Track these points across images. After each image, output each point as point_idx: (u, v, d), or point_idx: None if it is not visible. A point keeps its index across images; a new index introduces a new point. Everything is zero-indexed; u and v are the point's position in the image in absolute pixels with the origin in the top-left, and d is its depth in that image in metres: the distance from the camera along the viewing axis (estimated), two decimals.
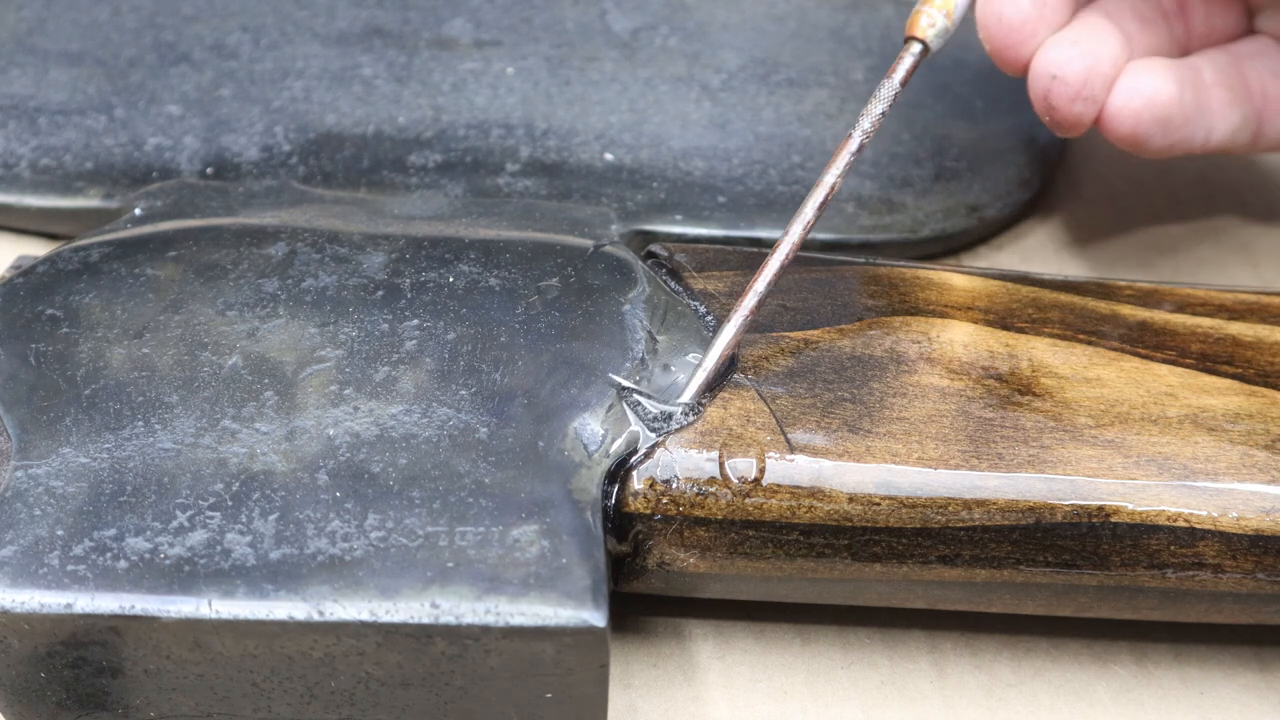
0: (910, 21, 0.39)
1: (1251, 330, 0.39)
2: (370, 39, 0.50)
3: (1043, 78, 0.40)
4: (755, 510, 0.35)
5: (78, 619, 0.32)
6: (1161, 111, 0.40)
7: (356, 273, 0.39)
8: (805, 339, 0.38)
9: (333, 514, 0.34)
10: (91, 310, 0.38)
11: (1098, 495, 0.36)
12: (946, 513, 0.36)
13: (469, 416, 0.36)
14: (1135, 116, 0.40)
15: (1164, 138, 0.41)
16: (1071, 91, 0.40)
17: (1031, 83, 0.40)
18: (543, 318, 0.38)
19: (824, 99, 0.49)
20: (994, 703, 0.38)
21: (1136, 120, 0.40)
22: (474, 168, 0.47)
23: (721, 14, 0.52)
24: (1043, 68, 0.40)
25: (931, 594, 0.37)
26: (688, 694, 0.38)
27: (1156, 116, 0.40)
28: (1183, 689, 0.39)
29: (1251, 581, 0.36)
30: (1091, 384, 0.37)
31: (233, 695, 0.34)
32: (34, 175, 0.46)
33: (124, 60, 0.49)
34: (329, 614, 0.32)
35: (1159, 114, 0.40)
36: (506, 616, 0.33)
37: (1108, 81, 0.40)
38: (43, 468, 0.34)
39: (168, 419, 0.36)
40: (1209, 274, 0.48)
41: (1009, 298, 0.39)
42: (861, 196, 0.47)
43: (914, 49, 0.39)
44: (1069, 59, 0.40)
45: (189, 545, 0.33)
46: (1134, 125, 0.40)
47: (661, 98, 0.49)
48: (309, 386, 0.36)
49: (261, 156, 0.47)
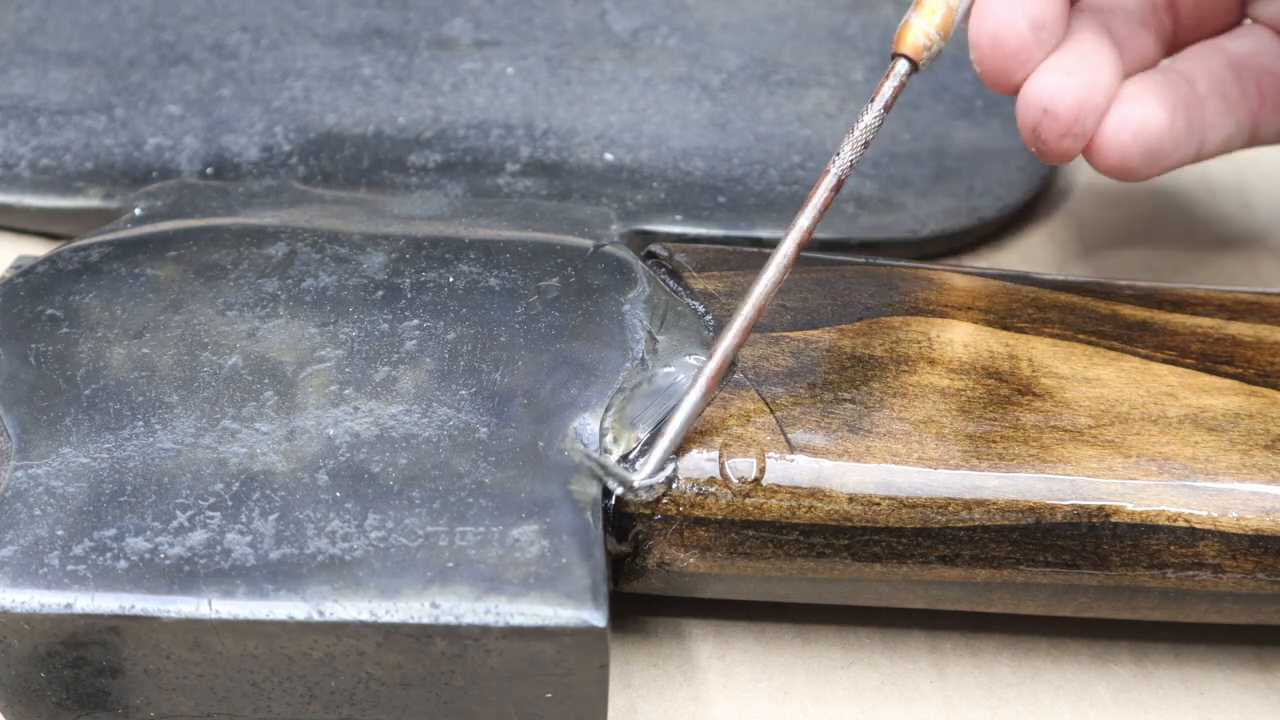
0: (899, 36, 0.37)
1: (1251, 330, 0.39)
2: (370, 39, 0.50)
3: (1033, 109, 0.38)
4: (755, 510, 0.35)
5: (78, 619, 0.32)
6: (1151, 144, 0.39)
7: (356, 273, 0.39)
8: (805, 339, 0.38)
9: (333, 514, 0.34)
10: (91, 310, 0.38)
11: (1098, 495, 0.36)
12: (946, 513, 0.36)
13: (469, 416, 0.36)
14: (1123, 150, 0.39)
15: (1151, 167, 0.39)
16: (1062, 127, 0.38)
17: (1021, 112, 0.39)
18: (543, 318, 0.38)
19: (824, 99, 0.49)
20: (994, 703, 0.38)
21: (1124, 154, 0.39)
22: (474, 168, 0.47)
23: (721, 14, 0.52)
24: (1034, 99, 0.38)
25: (931, 594, 0.37)
26: (688, 694, 0.38)
27: (1145, 149, 0.39)
28: (1183, 689, 0.39)
29: (1251, 581, 0.36)
30: (1091, 384, 0.37)
31: (233, 695, 0.34)
32: (34, 175, 0.46)
33: (124, 60, 0.49)
34: (329, 614, 0.32)
35: (1148, 146, 0.39)
36: (506, 616, 0.33)
37: (1099, 113, 0.39)
38: (43, 468, 0.34)
39: (168, 419, 0.36)
40: (1209, 274, 0.48)
41: (1009, 298, 0.39)
42: (861, 196, 0.47)
43: (901, 68, 0.37)
44: (1062, 91, 0.38)
45: (189, 545, 0.33)
46: (1121, 159, 0.39)
47: (661, 98, 0.49)
48: (309, 386, 0.36)
49: (261, 156, 0.47)
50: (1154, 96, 0.39)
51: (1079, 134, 0.38)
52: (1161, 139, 0.39)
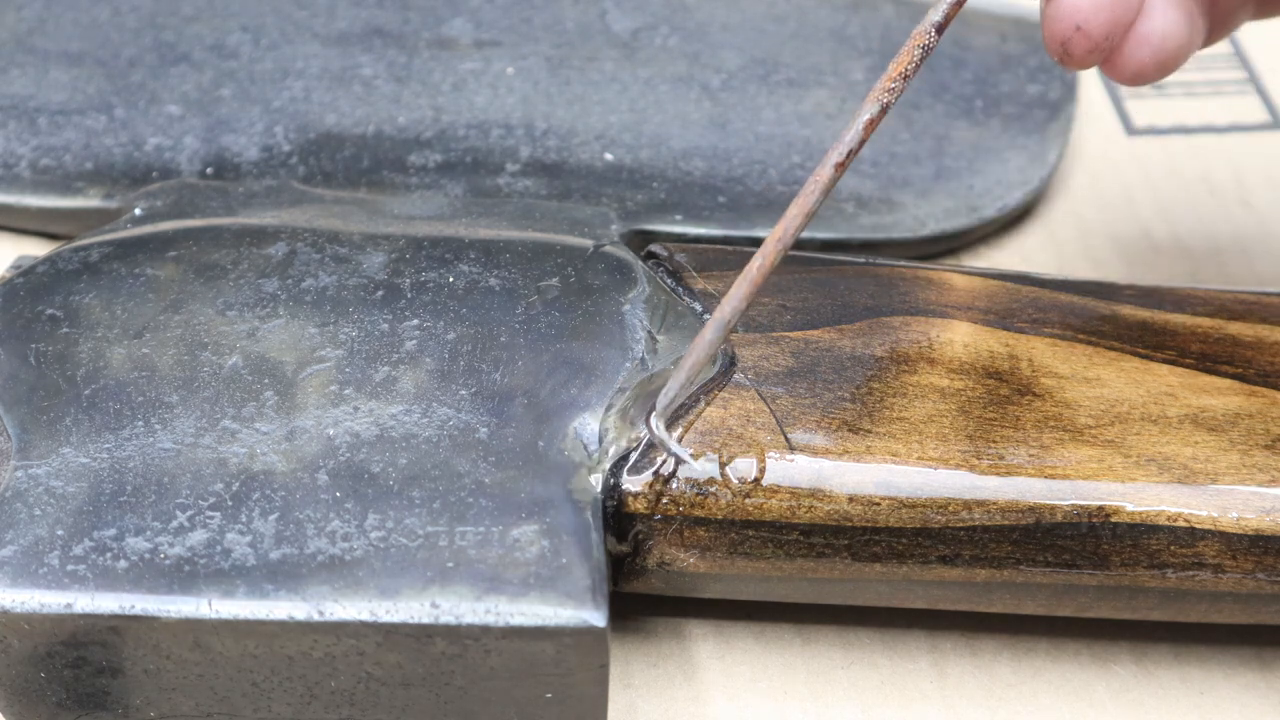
0: None
1: (1251, 330, 0.39)
2: (370, 39, 0.50)
3: (1066, 24, 0.37)
4: (755, 510, 0.35)
5: (78, 619, 0.32)
6: (1168, 57, 0.39)
7: (356, 273, 0.39)
8: (805, 339, 0.38)
9: (333, 514, 0.34)
10: (91, 310, 0.38)
11: (1098, 495, 0.36)
12: (946, 513, 0.36)
13: (469, 416, 0.36)
14: (1140, 64, 0.38)
15: (1161, 75, 0.39)
16: (1091, 44, 0.38)
17: (1050, 23, 0.38)
18: (543, 318, 0.38)
19: (824, 99, 0.49)
20: (994, 703, 0.38)
21: (1140, 68, 0.39)
22: (474, 168, 0.47)
23: (721, 14, 0.52)
24: (1068, 13, 0.37)
25: (931, 594, 0.37)
26: (688, 694, 0.38)
27: (1161, 63, 0.39)
28: (1183, 689, 0.39)
29: (1251, 581, 0.36)
30: (1091, 384, 0.37)
31: (233, 695, 0.34)
32: (34, 175, 0.46)
33: (124, 60, 0.49)
34: (329, 614, 0.32)
35: (1164, 60, 0.39)
36: (506, 616, 0.33)
37: (1126, 30, 0.38)
38: (43, 468, 0.34)
39: (168, 419, 0.36)
40: (1209, 274, 0.48)
41: (1009, 298, 0.39)
42: (861, 196, 0.47)
43: None
44: (1097, 9, 0.37)
45: (189, 545, 0.33)
46: (1135, 73, 0.39)
47: (661, 98, 0.49)
48: (309, 386, 0.36)
49: (261, 156, 0.47)
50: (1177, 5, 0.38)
51: (1106, 49, 0.38)
52: (1179, 51, 0.39)
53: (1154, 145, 0.52)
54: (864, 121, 0.35)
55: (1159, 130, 0.52)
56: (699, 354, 0.35)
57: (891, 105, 0.35)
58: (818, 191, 0.35)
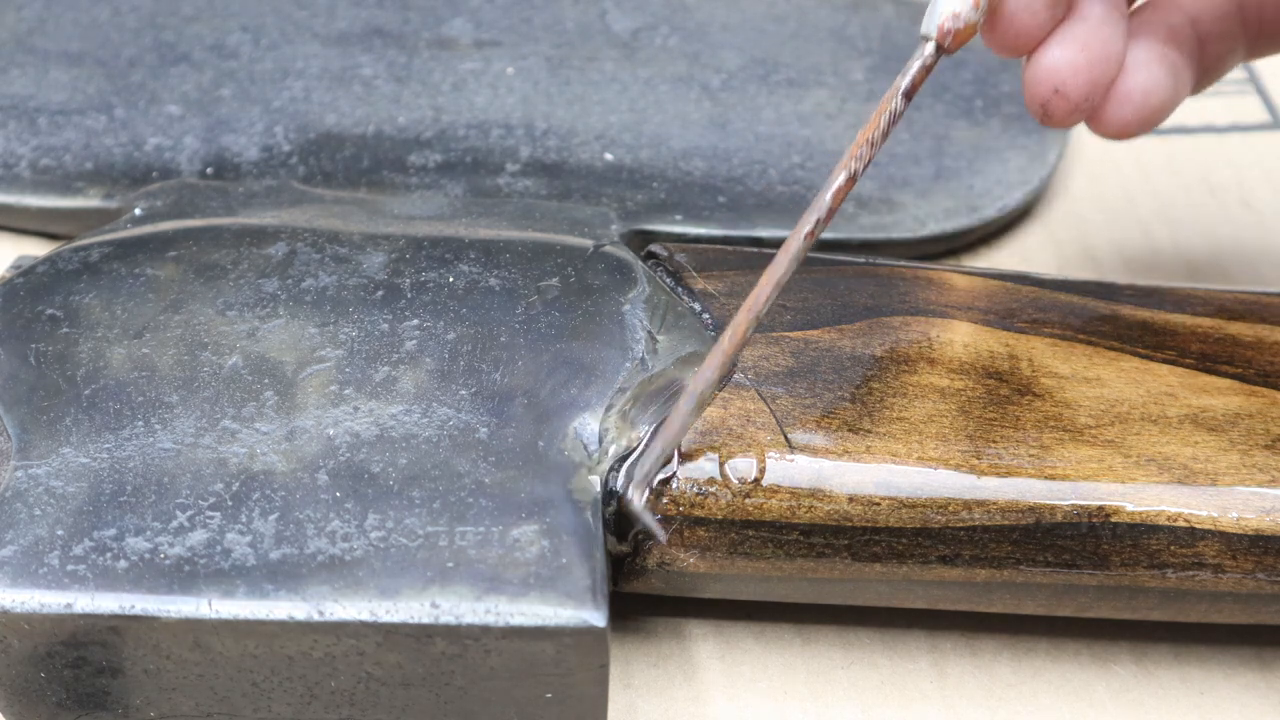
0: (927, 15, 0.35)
1: (1251, 330, 0.39)
2: (370, 39, 0.50)
3: (1045, 87, 0.37)
4: (755, 510, 0.35)
5: (78, 619, 0.32)
6: (1151, 113, 0.39)
7: (356, 273, 0.39)
8: (805, 339, 0.38)
9: (333, 514, 0.34)
10: (91, 310, 0.38)
11: (1098, 495, 0.36)
12: (946, 513, 0.36)
13: (469, 416, 0.36)
14: (1122, 121, 0.38)
15: (1145, 129, 0.39)
16: (1071, 105, 0.37)
17: (1030, 86, 0.38)
18: (543, 318, 0.38)
19: (824, 99, 0.49)
20: (994, 703, 0.38)
21: (1124, 124, 0.39)
22: (474, 168, 0.47)
23: (721, 14, 0.52)
24: (1046, 76, 0.37)
25: (931, 594, 0.37)
26: (688, 694, 0.38)
27: (1145, 119, 0.39)
28: (1183, 689, 0.39)
29: (1251, 581, 0.36)
30: (1091, 384, 0.37)
31: (233, 695, 0.34)
32: (34, 175, 0.46)
33: (124, 60, 0.49)
34: (329, 614, 0.32)
35: (1148, 115, 0.39)
36: (506, 616, 0.33)
37: (1107, 88, 0.38)
38: (43, 468, 0.34)
39: (168, 419, 0.36)
40: (1209, 274, 0.48)
41: (1009, 298, 0.39)
42: (861, 196, 0.47)
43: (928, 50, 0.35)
44: (1075, 71, 0.37)
45: (189, 545, 0.33)
46: (1119, 129, 0.39)
47: (661, 98, 0.49)
48: (309, 386, 0.36)
49: (261, 156, 0.47)
50: (1159, 60, 0.38)
51: (1086, 109, 0.38)
52: (1163, 106, 0.39)
53: (1154, 145, 0.52)
54: (833, 190, 0.35)
55: (1159, 130, 0.52)
56: (675, 428, 0.34)
57: (860, 173, 0.35)
58: (788, 261, 0.34)
